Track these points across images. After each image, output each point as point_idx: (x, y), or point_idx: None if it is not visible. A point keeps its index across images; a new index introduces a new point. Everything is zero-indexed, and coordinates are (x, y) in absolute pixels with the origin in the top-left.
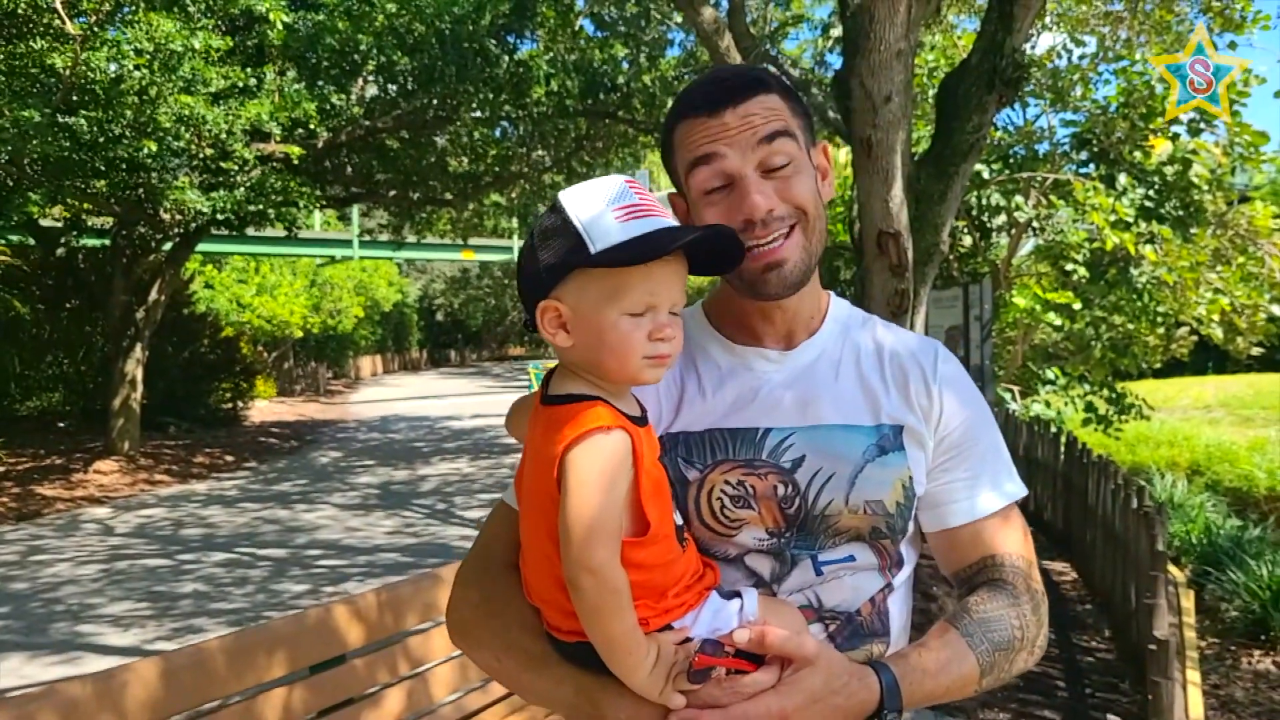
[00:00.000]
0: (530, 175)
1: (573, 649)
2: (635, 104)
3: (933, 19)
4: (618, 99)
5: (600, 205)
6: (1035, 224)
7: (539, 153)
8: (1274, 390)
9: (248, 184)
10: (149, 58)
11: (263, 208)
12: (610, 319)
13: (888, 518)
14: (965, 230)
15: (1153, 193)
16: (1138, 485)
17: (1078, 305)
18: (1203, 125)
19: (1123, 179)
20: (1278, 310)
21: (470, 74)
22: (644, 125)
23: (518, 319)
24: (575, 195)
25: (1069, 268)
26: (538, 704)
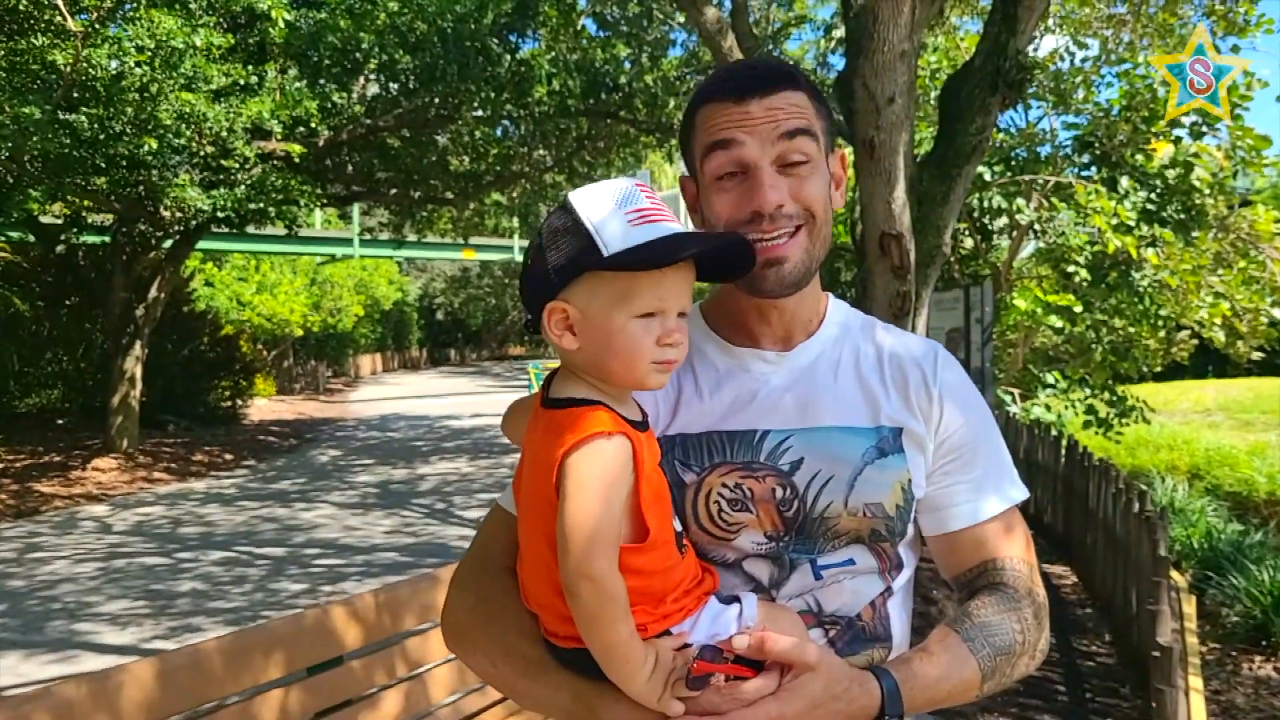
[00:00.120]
0: (531, 175)
1: (570, 655)
2: (637, 104)
3: (936, 20)
4: (619, 99)
5: (612, 208)
6: (1036, 226)
7: (540, 152)
8: (1274, 394)
9: (248, 182)
10: (150, 55)
11: (263, 206)
12: (619, 322)
13: (887, 520)
14: (966, 232)
15: (1154, 196)
16: (1139, 489)
17: (1078, 308)
18: (1205, 129)
19: (1125, 182)
20: (1279, 314)
21: (472, 73)
22: (646, 125)
23: (518, 319)
24: (586, 196)
25: (1070, 270)
26: (534, 710)
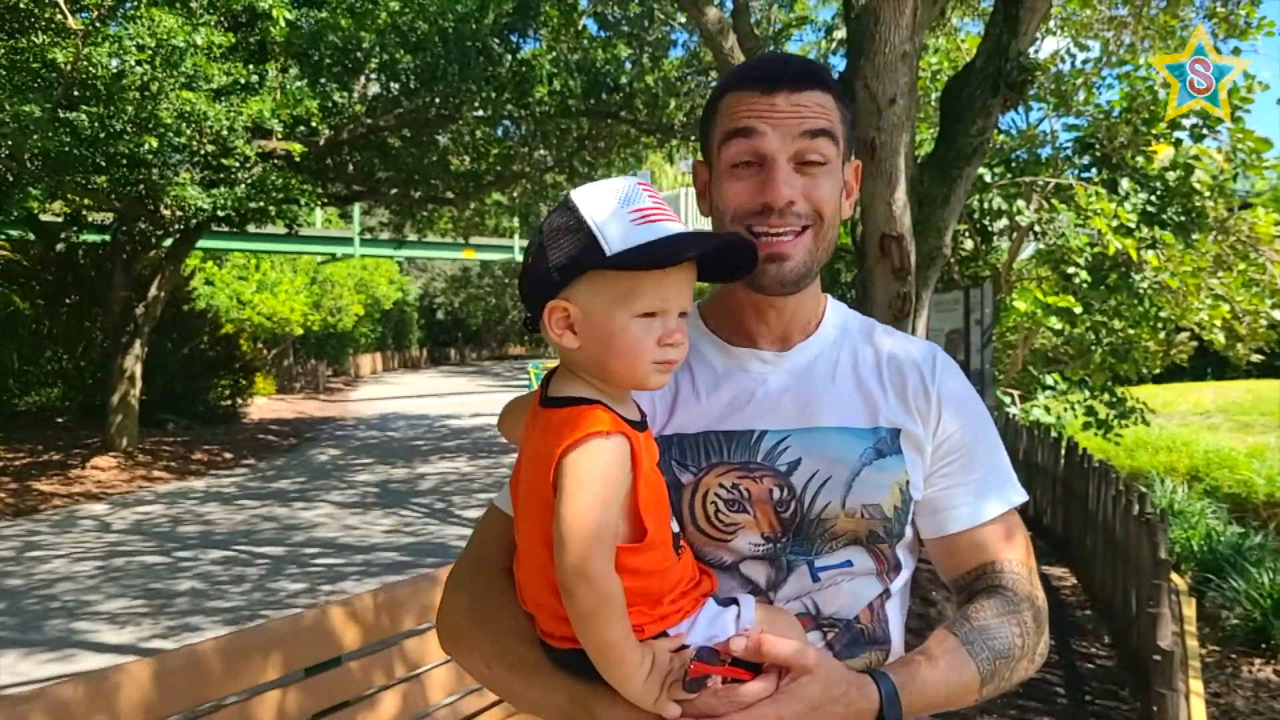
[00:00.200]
0: (532, 175)
1: (566, 656)
2: (638, 104)
3: (937, 21)
4: (620, 99)
5: (615, 206)
6: (1037, 228)
7: (541, 152)
8: (1273, 397)
9: (249, 181)
10: (151, 53)
11: (264, 205)
12: (620, 322)
13: (885, 522)
14: (967, 234)
15: (1155, 198)
16: (1139, 491)
17: (1078, 310)
18: (1205, 131)
19: (1125, 184)
20: (1279, 316)
21: (473, 73)
22: (646, 126)
23: (518, 318)
24: (589, 195)
25: (1070, 272)
26: (529, 713)
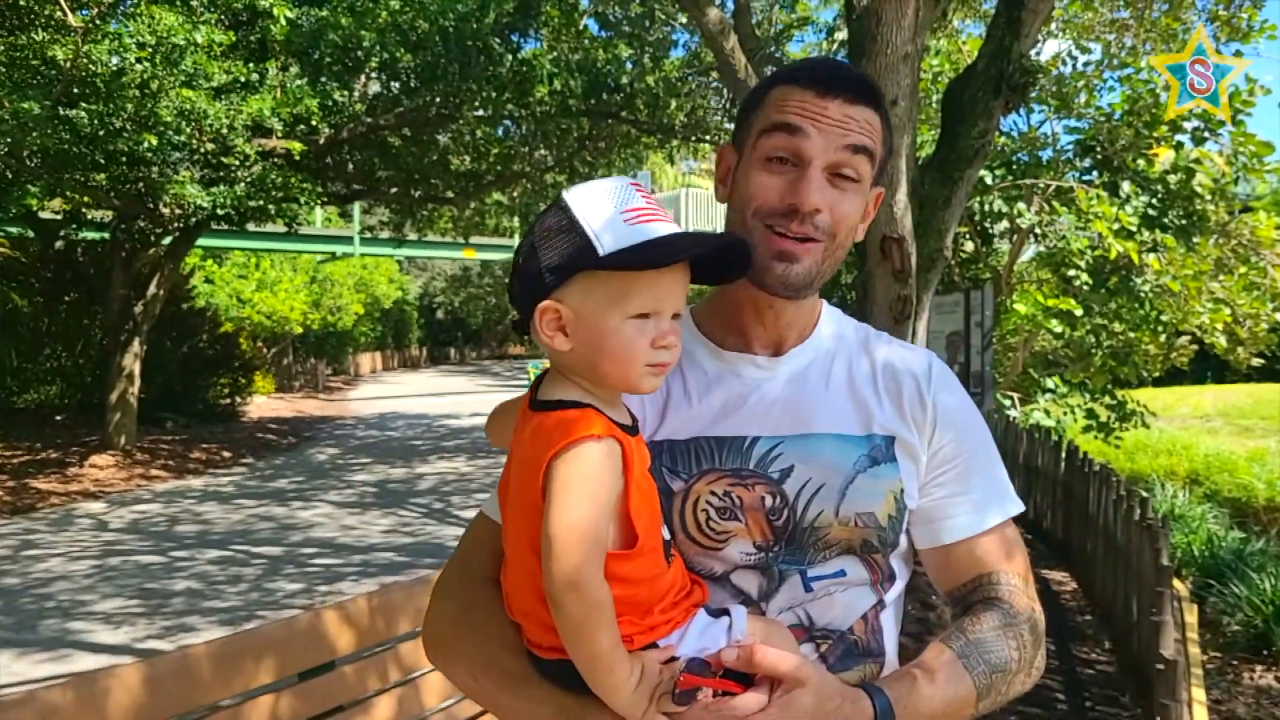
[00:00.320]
0: (532, 175)
1: (553, 667)
2: (639, 104)
3: (939, 23)
4: (621, 99)
5: (608, 206)
6: (1037, 231)
7: (541, 152)
8: (1273, 400)
9: (248, 179)
10: (151, 51)
11: (263, 203)
12: (613, 323)
13: (879, 530)
14: (967, 236)
15: (1156, 201)
16: (1140, 496)
17: (1079, 312)
18: (1207, 134)
19: (1126, 187)
20: None
21: (473, 72)
22: (647, 126)
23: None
24: (581, 195)
25: (1071, 274)
26: None
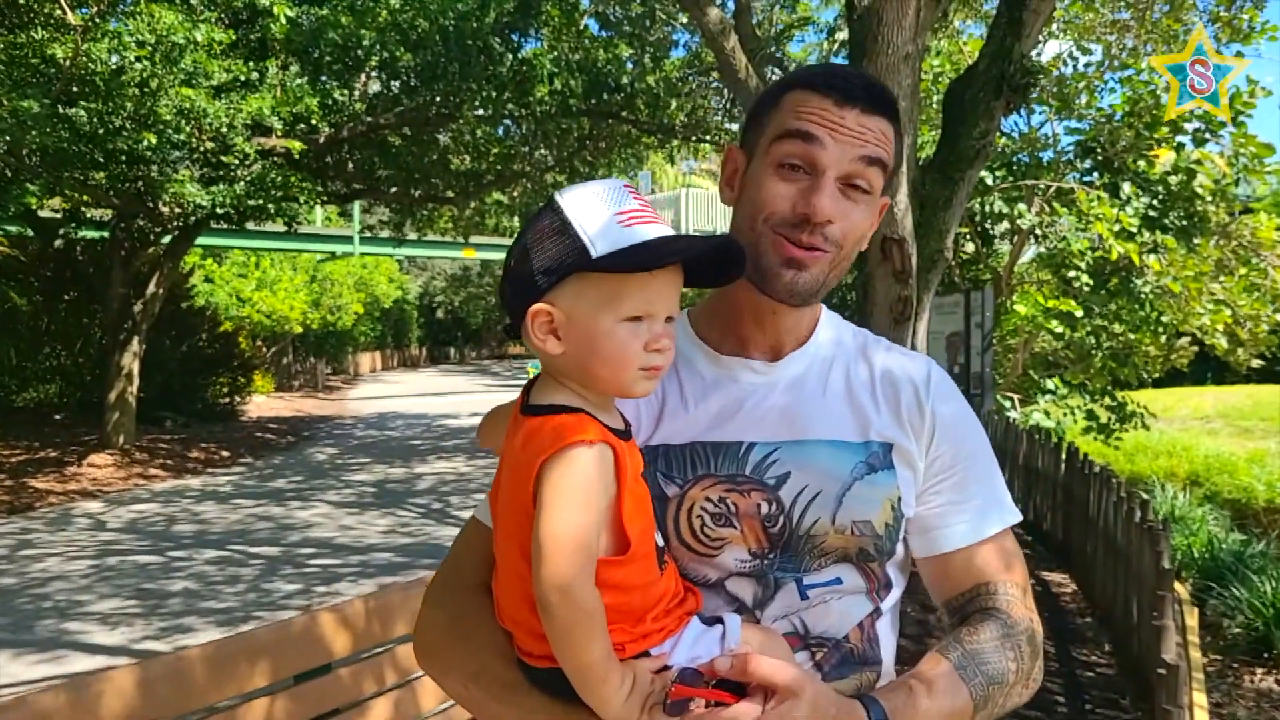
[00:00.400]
0: (532, 174)
1: (544, 676)
2: (639, 104)
3: (939, 23)
4: (621, 99)
5: (601, 208)
6: (1038, 232)
7: (541, 152)
8: (1273, 402)
9: (248, 178)
10: (150, 49)
11: (263, 202)
12: (606, 326)
13: (876, 539)
14: (968, 237)
15: (1156, 202)
16: (1140, 498)
17: (1079, 313)
18: (1208, 135)
19: (1126, 188)
20: None
21: (473, 71)
22: (647, 126)
23: None
24: (574, 197)
25: (1071, 275)
26: None
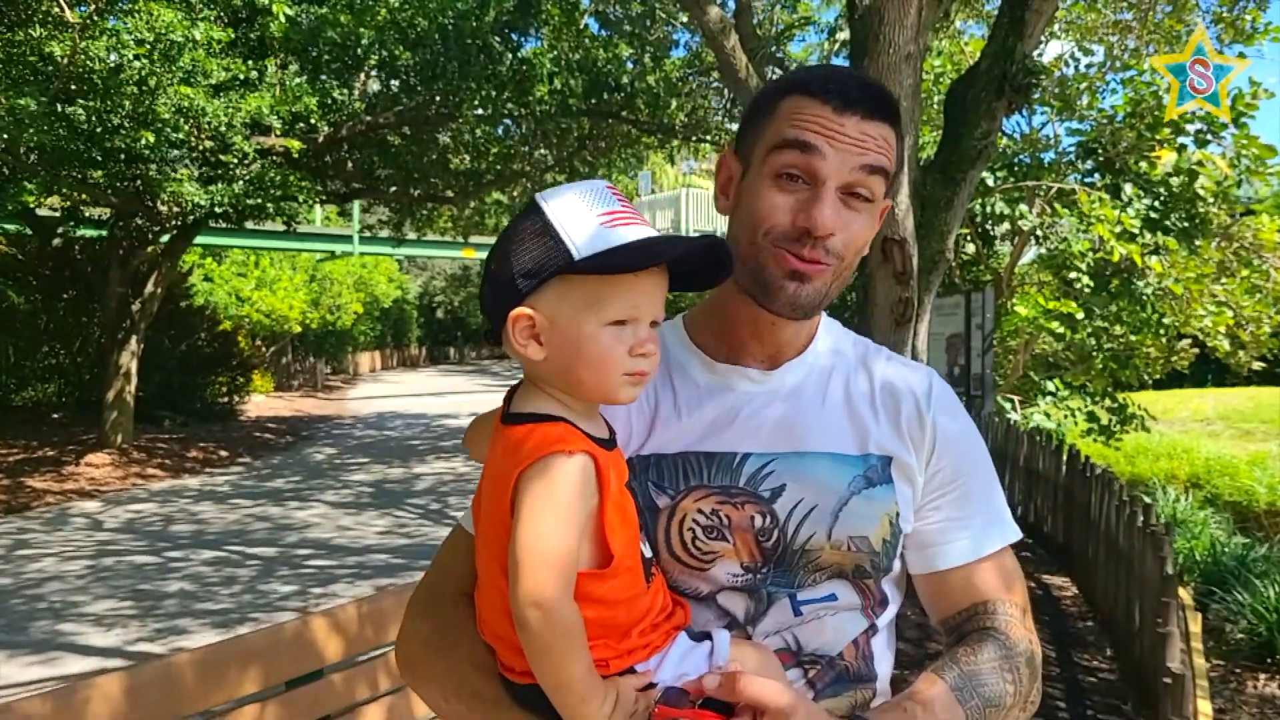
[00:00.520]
0: (532, 174)
1: (525, 692)
2: (639, 104)
3: (941, 23)
4: (621, 99)
5: (584, 209)
6: (1039, 233)
7: (541, 151)
8: (1274, 404)
9: (247, 177)
10: (149, 48)
11: (262, 202)
12: (589, 330)
13: (872, 555)
14: (968, 238)
15: (1158, 204)
16: (1143, 502)
17: (1079, 315)
18: (1209, 137)
19: (1128, 189)
20: None
21: (473, 71)
22: (647, 126)
23: None
24: (556, 198)
25: (1072, 277)
26: None
